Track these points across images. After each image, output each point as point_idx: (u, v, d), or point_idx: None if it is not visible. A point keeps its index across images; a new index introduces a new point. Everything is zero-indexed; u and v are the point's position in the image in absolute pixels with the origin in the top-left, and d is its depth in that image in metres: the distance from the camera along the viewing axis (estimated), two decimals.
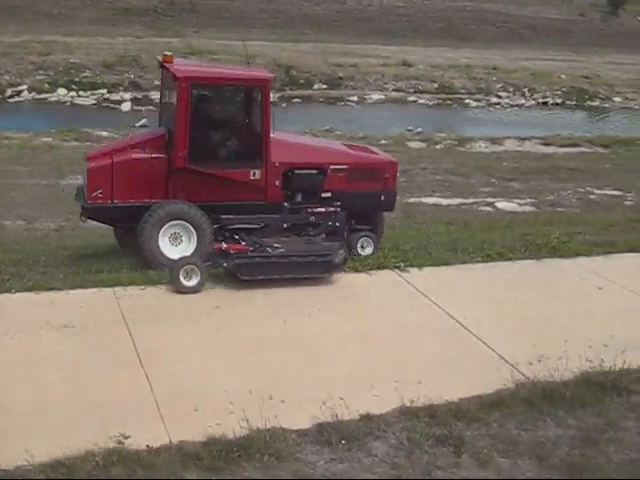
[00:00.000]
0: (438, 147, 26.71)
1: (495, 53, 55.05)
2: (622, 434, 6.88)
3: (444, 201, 17.78)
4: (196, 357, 7.71)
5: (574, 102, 43.59)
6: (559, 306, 9.77)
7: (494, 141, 28.16)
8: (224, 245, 9.84)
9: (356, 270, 10.32)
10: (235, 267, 9.47)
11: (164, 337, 8.10)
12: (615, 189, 20.95)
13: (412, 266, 10.60)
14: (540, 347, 8.30)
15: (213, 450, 6.03)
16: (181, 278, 9.15)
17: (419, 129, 30.14)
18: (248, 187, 10.06)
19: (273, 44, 48.41)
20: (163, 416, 6.59)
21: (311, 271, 9.72)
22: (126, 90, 35.03)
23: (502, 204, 18.40)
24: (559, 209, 18.28)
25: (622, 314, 9.69)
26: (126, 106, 32.67)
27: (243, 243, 9.93)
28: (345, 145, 12.18)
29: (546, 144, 28.18)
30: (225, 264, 9.55)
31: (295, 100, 37.83)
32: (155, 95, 34.91)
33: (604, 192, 20.58)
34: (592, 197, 19.99)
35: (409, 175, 20.70)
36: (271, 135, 10.13)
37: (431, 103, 40.82)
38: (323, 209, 10.40)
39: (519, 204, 18.62)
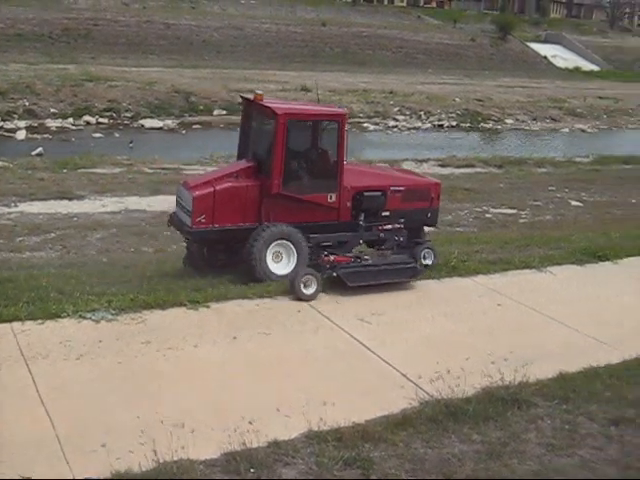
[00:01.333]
0: None
1: (392, 77, 56.30)
2: (524, 446, 7.06)
3: None
4: (100, 391, 7.52)
5: (468, 124, 44.93)
6: (460, 324, 10.02)
7: (393, 164, 28.63)
8: (332, 258, 11.01)
9: (260, 295, 10.32)
10: (344, 275, 10.73)
11: (65, 372, 7.87)
12: (510, 207, 21.65)
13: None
14: (443, 365, 8.48)
15: None
16: (301, 288, 10.25)
17: None
18: (325, 209, 11.37)
19: (172, 70, 48.17)
20: (66, 454, 6.38)
21: (400, 277, 11.17)
22: (21, 118, 34.11)
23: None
24: (457, 229, 18.73)
25: (520, 329, 10.05)
26: (21, 134, 31.68)
27: (347, 255, 11.26)
28: (395, 169, 14.36)
29: (443, 165, 28.90)
30: (335, 273, 10.76)
31: (195, 126, 37.65)
32: (52, 123, 34.33)
33: (499, 211, 21.24)
34: (488, 216, 20.58)
35: None
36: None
37: None
38: (390, 226, 11.79)
39: None
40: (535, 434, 7.31)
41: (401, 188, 12.08)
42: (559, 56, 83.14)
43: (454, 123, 44.58)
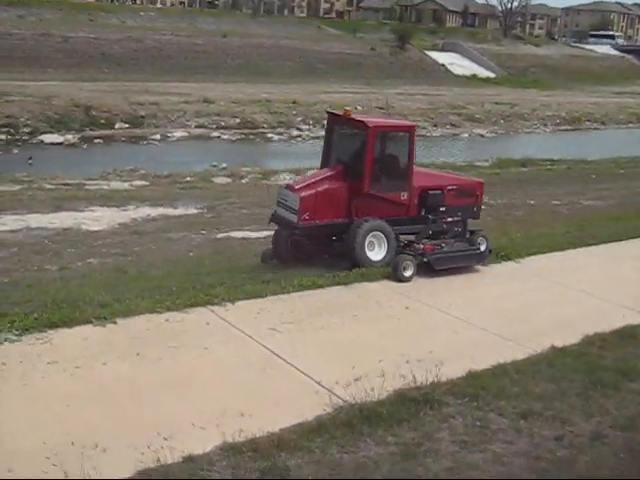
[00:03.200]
0: (244, 181, 26.99)
1: (294, 87, 56.59)
2: (437, 445, 7.17)
3: (253, 234, 17.89)
4: (4, 416, 7.25)
5: None
6: (370, 328, 10.12)
7: (298, 173, 28.72)
8: (422, 246, 13.03)
9: (169, 309, 10.17)
10: (433, 260, 12.72)
11: None
12: None
13: (227, 301, 10.59)
14: (355, 369, 8.53)
15: None
16: (402, 271, 12.08)
17: (224, 164, 30.34)
18: (398, 205, 13.29)
19: (71, 83, 47.15)
20: None
21: (472, 261, 13.38)
22: None
23: None
24: None
25: (430, 330, 10.24)
26: None
27: (430, 244, 13.24)
28: (446, 172, 16.88)
29: None
30: (425, 259, 12.69)
31: (97, 140, 36.94)
32: None
33: None
34: None
35: (217, 211, 20.76)
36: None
37: (234, 138, 41.20)
38: (451, 219, 13.75)
39: None
40: (448, 432, 7.42)
41: (455, 187, 13.98)
42: (456, 64, 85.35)
43: None
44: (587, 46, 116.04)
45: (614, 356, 9.50)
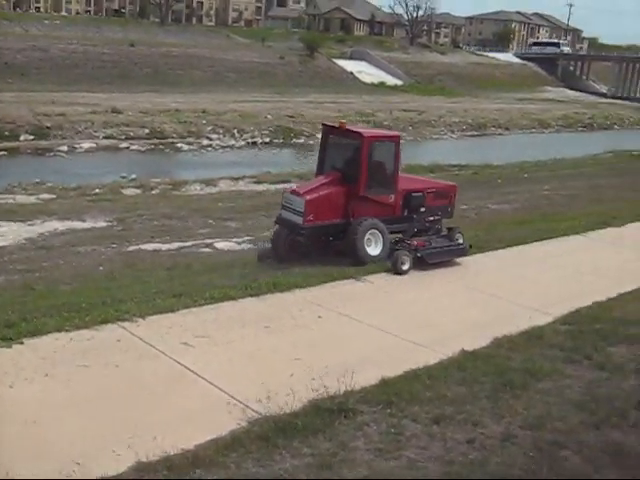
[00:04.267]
0: (154, 192, 26.63)
1: (203, 97, 56.23)
2: (352, 454, 7.20)
3: (164, 246, 17.68)
4: None
5: (281, 140, 45.66)
6: (283, 339, 10.10)
7: (208, 183, 28.62)
8: (415, 242, 14.57)
9: (78, 327, 9.92)
10: (425, 255, 14.17)
11: None
12: None
13: (138, 317, 10.41)
14: (269, 381, 8.50)
15: None
16: (400, 265, 13.50)
17: (133, 176, 29.89)
18: (386, 206, 14.91)
19: None
20: None
21: (454, 255, 14.85)
22: None
23: (221, 244, 18.69)
24: None
25: (342, 339, 10.28)
26: None
27: (421, 240, 14.83)
28: (424, 177, 18.89)
29: (258, 182, 29.19)
30: (419, 254, 14.10)
31: (0, 153, 35.78)
32: None
33: None
34: None
35: (126, 223, 20.43)
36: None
37: (144, 149, 40.62)
38: (432, 218, 15.49)
39: (237, 243, 19.02)
40: (363, 441, 7.46)
41: (433, 190, 15.79)
42: (365, 72, 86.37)
43: (267, 140, 45.14)
44: (490, 54, 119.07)
45: (522, 357, 9.74)
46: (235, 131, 45.06)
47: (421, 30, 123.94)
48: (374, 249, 14.31)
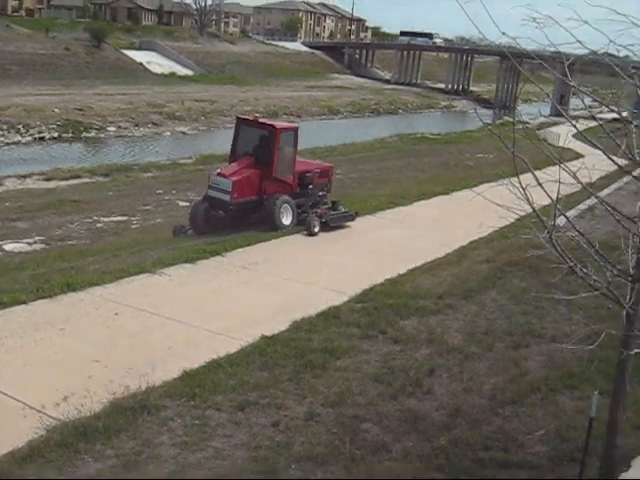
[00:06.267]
0: None
1: None
2: (158, 450, 7.11)
3: None
4: None
5: (71, 135, 43.87)
6: (80, 340, 9.73)
7: None
8: (319, 211, 17.86)
9: None
10: (329, 220, 17.47)
11: None
12: (120, 215, 21.63)
13: None
14: (66, 385, 8.22)
15: None
16: (313, 227, 16.84)
17: None
18: (286, 185, 17.80)
19: None
20: None
21: (348, 220, 18.21)
22: None
23: (10, 246, 17.77)
24: (69, 242, 18.23)
25: (141, 334, 10.05)
26: None
27: (323, 210, 18.06)
28: (309, 159, 20.94)
29: (48, 179, 27.92)
30: (323, 219, 17.34)
31: None
32: None
33: (110, 219, 21.10)
34: (99, 225, 20.34)
35: None
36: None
37: None
38: (322, 193, 18.73)
39: (29, 243, 18.15)
40: (167, 436, 7.40)
41: (318, 170, 18.78)
42: (154, 62, 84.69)
43: (56, 135, 43.22)
44: (280, 43, 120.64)
45: (321, 338, 10.04)
46: (20, 127, 42.71)
47: (210, 20, 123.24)
48: (286, 220, 17.27)
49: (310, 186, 18.34)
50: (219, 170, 17.79)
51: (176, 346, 9.68)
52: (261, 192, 17.29)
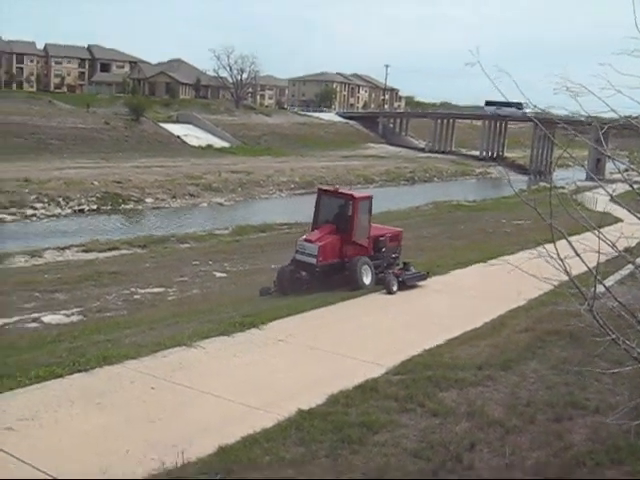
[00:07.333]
0: None
1: (25, 165, 54.16)
2: None
3: None
4: None
5: (109, 207, 44.63)
6: (115, 415, 9.63)
7: (33, 254, 27.45)
8: (396, 272, 19.42)
9: None
10: (406, 279, 19.08)
11: None
12: (157, 286, 21.74)
13: None
14: (102, 461, 8.09)
15: None
16: (392, 287, 18.43)
17: None
18: (364, 248, 19.63)
19: None
20: None
21: (420, 280, 19.77)
22: None
23: (48, 317, 17.90)
24: (107, 314, 18.32)
25: (175, 409, 9.95)
26: None
27: (397, 271, 19.79)
28: (381, 225, 22.34)
29: (86, 251, 28.30)
30: (400, 279, 18.89)
31: None
32: None
33: (147, 290, 21.21)
34: (137, 297, 20.44)
35: None
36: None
37: None
38: (394, 255, 20.87)
39: (66, 315, 18.28)
40: None
41: (390, 235, 20.70)
42: (191, 134, 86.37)
43: (95, 207, 44.00)
44: (314, 114, 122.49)
45: (358, 411, 9.83)
46: (60, 199, 43.59)
47: (246, 92, 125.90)
48: (367, 279, 18.96)
49: (383, 249, 20.13)
50: (305, 236, 19.56)
51: (210, 421, 9.54)
52: (342, 255, 19.15)
